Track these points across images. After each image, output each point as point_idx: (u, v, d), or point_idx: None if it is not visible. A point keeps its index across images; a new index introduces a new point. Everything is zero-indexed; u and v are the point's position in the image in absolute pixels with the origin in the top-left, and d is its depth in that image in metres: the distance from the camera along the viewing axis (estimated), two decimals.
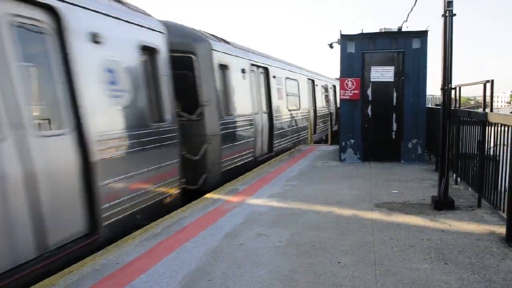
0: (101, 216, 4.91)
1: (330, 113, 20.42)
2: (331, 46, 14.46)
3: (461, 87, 7.79)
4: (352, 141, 10.73)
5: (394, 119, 10.54)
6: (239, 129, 9.60)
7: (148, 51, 6.23)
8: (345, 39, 10.53)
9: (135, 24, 5.92)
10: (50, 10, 4.43)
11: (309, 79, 17.68)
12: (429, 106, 11.98)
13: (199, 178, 8.25)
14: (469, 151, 6.56)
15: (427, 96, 11.27)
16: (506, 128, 4.94)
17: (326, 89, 21.56)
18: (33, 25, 4.28)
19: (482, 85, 6.22)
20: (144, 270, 4.18)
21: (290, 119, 14.12)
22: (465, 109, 7.90)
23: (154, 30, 6.44)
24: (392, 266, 4.12)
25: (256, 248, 4.70)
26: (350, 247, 4.65)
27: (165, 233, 5.31)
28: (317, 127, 18.79)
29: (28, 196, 3.99)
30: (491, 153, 5.53)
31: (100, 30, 5.06)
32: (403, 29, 11.20)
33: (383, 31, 10.77)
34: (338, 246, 4.69)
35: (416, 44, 10.16)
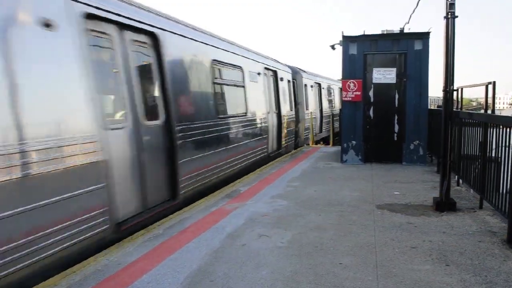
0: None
1: (333, 115, 20.34)
2: (333, 47, 14.51)
3: (463, 89, 7.79)
4: (354, 142, 10.74)
5: (396, 121, 10.54)
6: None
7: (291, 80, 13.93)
8: (347, 40, 10.55)
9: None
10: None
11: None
12: (431, 107, 11.96)
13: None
14: (471, 153, 6.56)
15: (429, 98, 11.27)
16: (508, 130, 4.93)
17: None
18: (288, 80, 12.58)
19: (483, 87, 6.24)
20: (146, 270, 4.20)
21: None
22: (467, 111, 7.90)
23: (287, 72, 14.20)
24: (394, 267, 4.13)
25: (258, 249, 4.71)
26: (351, 248, 4.66)
27: (167, 233, 5.32)
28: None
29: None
30: (493, 154, 5.53)
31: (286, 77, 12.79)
32: (405, 31, 11.20)
33: (385, 32, 10.78)
34: (340, 247, 4.70)
35: (418, 45, 10.17)
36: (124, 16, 5.34)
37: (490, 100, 6.18)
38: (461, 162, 7.18)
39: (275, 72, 12.92)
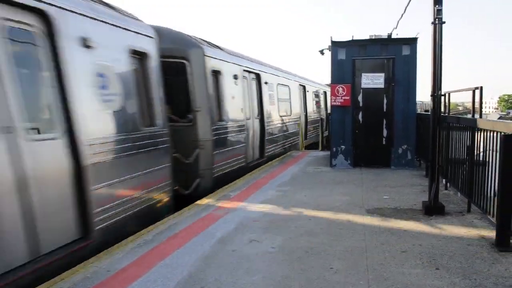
0: None
1: (321, 119, 20.33)
2: (322, 52, 14.59)
3: (450, 93, 7.87)
4: (343, 147, 10.79)
5: (384, 125, 10.62)
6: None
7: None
8: (336, 46, 10.61)
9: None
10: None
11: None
12: (419, 112, 12.09)
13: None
14: (459, 157, 6.63)
15: (417, 102, 11.38)
16: (494, 134, 5.00)
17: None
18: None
19: (469, 91, 6.32)
20: (136, 277, 4.16)
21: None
22: (455, 115, 8.00)
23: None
24: (385, 271, 4.15)
25: (248, 254, 4.70)
26: (342, 253, 4.67)
27: (156, 240, 5.28)
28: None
29: None
30: (481, 158, 5.59)
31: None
32: (393, 36, 11.31)
33: (373, 38, 10.87)
34: (331, 252, 4.71)
35: (406, 51, 10.27)
36: (250, 72, 11.11)
37: (477, 105, 6.25)
38: (449, 166, 7.26)
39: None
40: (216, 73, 9.09)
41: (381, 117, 10.62)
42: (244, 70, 10.97)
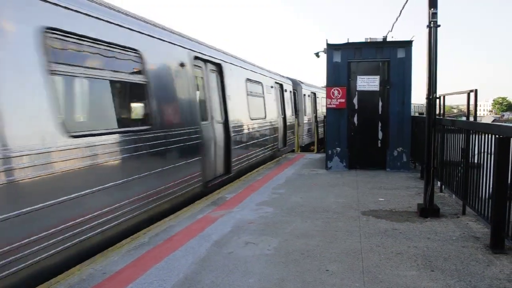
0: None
1: (316, 122, 20.42)
2: (317, 55, 14.64)
3: (445, 96, 7.93)
4: (339, 149, 10.82)
5: (379, 128, 10.66)
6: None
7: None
8: (331, 48, 10.66)
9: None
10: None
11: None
12: (413, 114, 12.14)
13: None
14: (453, 159, 6.67)
15: (412, 105, 11.43)
16: (489, 137, 5.03)
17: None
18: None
19: (464, 94, 6.36)
20: (132, 279, 4.15)
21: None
22: (450, 118, 8.04)
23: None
24: (380, 273, 4.16)
25: (244, 256, 4.70)
26: (338, 255, 4.68)
27: (152, 242, 5.27)
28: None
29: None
30: (475, 161, 5.63)
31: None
32: (388, 39, 11.37)
33: (368, 41, 10.93)
34: (326, 254, 4.71)
35: (401, 53, 10.33)
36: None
37: (472, 107, 6.29)
38: (444, 169, 7.29)
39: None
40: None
41: (376, 119, 10.66)
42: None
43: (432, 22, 5.96)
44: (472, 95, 6.19)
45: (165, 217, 6.39)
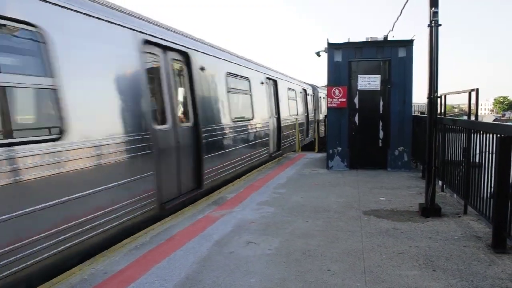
0: None
1: (317, 120, 20.47)
2: (318, 54, 14.60)
3: (446, 95, 7.91)
4: (339, 148, 10.80)
5: (380, 127, 10.65)
6: None
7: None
8: (332, 48, 10.64)
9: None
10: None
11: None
12: (415, 114, 12.13)
13: None
14: (455, 159, 6.66)
15: (413, 104, 11.42)
16: (491, 136, 5.02)
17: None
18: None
19: (465, 93, 6.35)
20: (133, 279, 4.14)
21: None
22: (451, 117, 8.03)
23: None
24: (382, 273, 4.15)
25: (246, 256, 4.69)
26: (339, 255, 4.67)
27: (154, 241, 5.27)
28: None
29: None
30: (477, 160, 5.62)
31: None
32: (389, 38, 11.35)
33: (369, 40, 10.91)
34: (328, 254, 4.71)
35: (402, 53, 10.31)
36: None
37: (473, 107, 6.28)
38: (445, 168, 7.28)
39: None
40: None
41: (377, 119, 10.65)
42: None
43: (433, 21, 5.95)
44: (473, 94, 6.17)
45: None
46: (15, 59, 4.32)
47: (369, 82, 10.51)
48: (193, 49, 7.82)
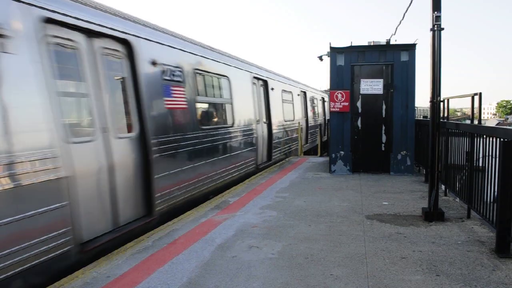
0: None
1: (320, 125, 20.36)
2: (320, 58, 14.61)
3: (449, 99, 7.90)
4: (342, 152, 10.79)
5: (383, 131, 10.63)
6: None
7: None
8: (334, 52, 10.64)
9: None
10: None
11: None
12: (417, 118, 12.10)
13: None
14: (458, 163, 6.64)
15: (416, 108, 11.41)
16: (494, 140, 5.01)
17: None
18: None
19: (467, 97, 6.34)
20: (135, 283, 4.14)
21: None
22: (454, 122, 8.01)
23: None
24: (385, 278, 4.13)
25: (248, 260, 4.68)
26: (342, 259, 4.66)
27: (156, 245, 5.27)
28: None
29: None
30: (480, 164, 5.60)
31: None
32: (391, 42, 11.35)
33: (371, 44, 10.91)
34: (331, 258, 4.69)
35: (404, 57, 10.31)
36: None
37: (476, 111, 6.28)
38: (448, 172, 7.26)
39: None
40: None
41: (380, 123, 10.64)
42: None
43: (435, 26, 5.94)
44: (476, 98, 6.16)
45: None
46: (225, 93, 9.71)
47: (371, 86, 10.51)
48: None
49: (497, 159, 4.78)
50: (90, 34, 5.24)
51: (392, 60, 10.36)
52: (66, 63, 4.99)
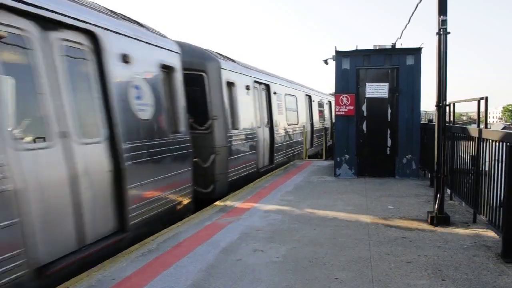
0: None
1: (325, 128, 20.26)
2: (326, 62, 14.62)
3: (455, 103, 7.86)
4: (347, 156, 10.77)
5: (388, 135, 10.61)
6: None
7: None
8: (340, 55, 10.64)
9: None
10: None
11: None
12: (423, 121, 12.07)
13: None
14: (464, 167, 6.61)
15: (421, 112, 11.38)
16: (500, 144, 4.98)
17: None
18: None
19: (473, 101, 6.31)
20: (140, 286, 4.14)
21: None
22: (460, 126, 7.98)
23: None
24: (390, 282, 4.11)
25: (253, 263, 4.68)
26: (347, 263, 4.64)
27: (161, 248, 5.27)
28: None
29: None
30: (486, 168, 5.57)
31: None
32: (397, 46, 11.34)
33: (377, 48, 10.90)
34: (335, 262, 4.68)
35: (410, 60, 10.29)
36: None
37: (481, 115, 6.24)
38: (454, 176, 7.23)
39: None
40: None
41: (385, 126, 10.61)
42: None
43: (441, 29, 5.94)
44: (482, 102, 6.13)
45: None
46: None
47: (377, 89, 10.49)
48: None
49: (503, 163, 4.75)
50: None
51: (398, 64, 10.35)
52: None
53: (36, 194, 4.11)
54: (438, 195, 6.17)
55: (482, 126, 6.29)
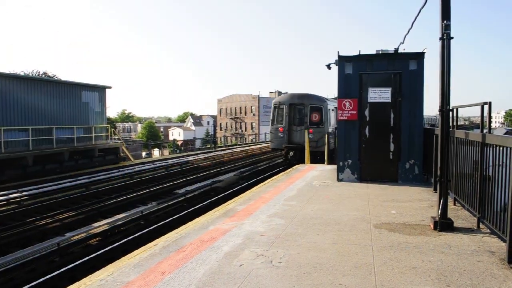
0: None
1: (328, 132, 20.45)
2: (329, 67, 14.61)
3: (458, 108, 7.85)
4: (350, 161, 10.76)
5: (391, 140, 10.59)
6: None
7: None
8: (342, 60, 10.66)
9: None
10: None
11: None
12: (425, 126, 12.05)
13: None
14: (467, 172, 6.58)
15: (423, 116, 11.36)
16: (504, 149, 4.96)
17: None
18: None
19: (476, 106, 6.30)
20: None
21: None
22: (463, 131, 7.96)
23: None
24: None
25: (256, 269, 4.66)
26: (350, 269, 4.62)
27: (163, 253, 5.26)
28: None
29: None
30: (490, 173, 5.54)
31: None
32: (400, 51, 11.33)
33: (380, 52, 10.90)
34: (339, 268, 4.66)
35: (412, 65, 10.30)
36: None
37: (485, 119, 6.22)
38: (457, 181, 7.20)
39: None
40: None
41: (387, 131, 10.60)
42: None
43: (445, 34, 5.94)
44: (485, 107, 6.12)
45: None
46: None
47: (379, 94, 10.49)
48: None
49: (507, 168, 4.73)
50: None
51: (401, 68, 10.35)
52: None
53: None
54: (442, 200, 6.14)
55: (485, 130, 6.26)
